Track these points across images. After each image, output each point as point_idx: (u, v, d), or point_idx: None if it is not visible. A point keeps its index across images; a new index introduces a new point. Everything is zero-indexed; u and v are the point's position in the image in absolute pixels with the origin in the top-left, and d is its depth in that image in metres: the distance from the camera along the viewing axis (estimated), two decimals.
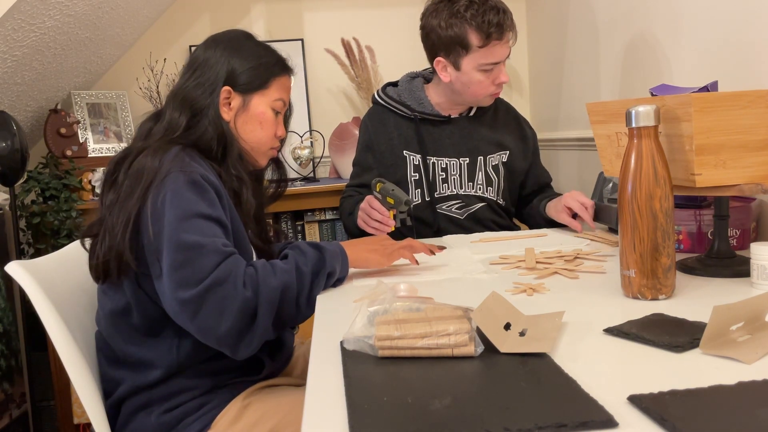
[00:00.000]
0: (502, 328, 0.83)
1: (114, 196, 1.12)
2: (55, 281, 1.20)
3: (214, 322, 1.01)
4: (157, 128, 1.20)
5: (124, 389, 1.13)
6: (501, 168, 1.81)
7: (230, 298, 1.01)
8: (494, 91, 1.74)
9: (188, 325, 1.03)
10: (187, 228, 1.03)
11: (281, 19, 2.79)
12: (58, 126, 2.38)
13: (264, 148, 1.28)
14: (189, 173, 1.08)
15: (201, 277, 1.00)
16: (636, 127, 0.97)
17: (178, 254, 1.01)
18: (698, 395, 0.63)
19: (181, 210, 1.04)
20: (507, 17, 1.66)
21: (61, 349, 1.09)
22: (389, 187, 1.56)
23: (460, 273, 1.24)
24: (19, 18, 1.82)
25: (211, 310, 1.00)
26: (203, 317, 1.00)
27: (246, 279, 1.03)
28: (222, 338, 1.02)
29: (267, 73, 1.25)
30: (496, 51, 1.66)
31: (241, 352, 1.05)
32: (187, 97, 1.21)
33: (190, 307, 1.00)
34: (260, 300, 1.03)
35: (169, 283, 1.01)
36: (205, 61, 1.23)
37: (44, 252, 2.10)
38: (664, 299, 0.98)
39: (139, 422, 1.13)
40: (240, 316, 1.01)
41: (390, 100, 1.82)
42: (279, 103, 1.27)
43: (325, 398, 0.70)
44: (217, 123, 1.20)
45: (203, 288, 1.00)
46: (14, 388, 2.09)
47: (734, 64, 1.45)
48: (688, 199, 1.31)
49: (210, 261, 1.02)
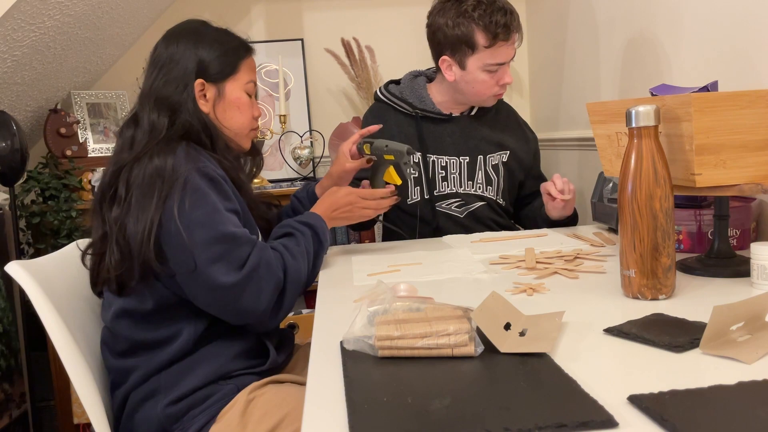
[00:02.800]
0: (502, 328, 0.83)
1: (120, 209, 1.13)
2: (55, 281, 1.20)
3: (255, 303, 1.11)
4: (139, 133, 1.19)
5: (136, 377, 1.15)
6: (501, 168, 1.82)
7: (266, 280, 1.12)
8: (498, 92, 1.75)
9: (228, 309, 1.12)
10: (218, 222, 1.10)
11: (281, 19, 2.79)
12: (57, 126, 2.38)
13: (246, 131, 1.32)
14: (203, 170, 1.13)
15: (241, 264, 1.10)
16: (636, 127, 0.97)
17: (217, 246, 1.09)
18: (698, 395, 0.63)
19: (210, 207, 1.11)
20: (514, 18, 1.67)
21: (61, 348, 1.09)
22: (382, 144, 1.49)
23: (460, 273, 1.24)
24: (19, 18, 1.82)
25: (252, 292, 1.10)
26: (246, 299, 1.10)
27: (276, 262, 1.14)
28: (260, 316, 1.13)
29: (234, 58, 1.27)
30: (501, 52, 1.67)
31: (272, 324, 1.18)
32: (161, 96, 1.21)
33: (233, 292, 1.09)
34: (288, 279, 1.16)
35: (211, 273, 1.08)
36: (169, 57, 1.23)
37: (44, 252, 2.10)
38: (664, 299, 0.98)
39: (146, 412, 1.14)
40: (274, 295, 1.13)
41: (392, 97, 1.83)
42: (250, 85, 1.30)
43: (325, 398, 0.70)
44: (199, 116, 1.22)
45: (245, 274, 1.09)
46: (14, 388, 2.09)
47: (734, 64, 1.45)
48: (688, 199, 1.31)
49: (245, 249, 1.12)
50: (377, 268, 1.32)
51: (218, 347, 1.17)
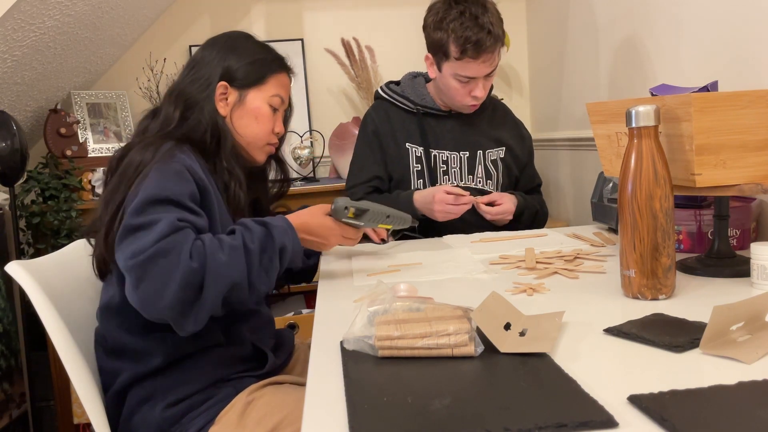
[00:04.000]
0: (502, 328, 0.83)
1: (106, 194, 1.14)
2: (55, 281, 1.20)
3: (157, 292, 0.96)
4: (153, 125, 1.23)
5: (125, 378, 1.14)
6: (499, 163, 1.86)
7: (174, 268, 0.97)
8: (470, 102, 1.76)
9: (132, 296, 0.98)
10: (151, 207, 1.02)
11: (281, 19, 2.79)
12: (57, 126, 2.38)
13: (260, 143, 1.30)
14: (173, 163, 1.10)
15: (146, 246, 0.97)
16: (636, 127, 0.97)
17: (133, 220, 1.00)
18: (698, 395, 0.63)
19: (155, 191, 1.04)
20: (490, 38, 1.63)
21: (61, 348, 1.09)
22: (382, 211, 1.32)
23: (460, 273, 1.24)
24: (19, 18, 1.82)
25: (155, 279, 0.96)
26: (146, 286, 0.96)
27: (193, 250, 1.00)
28: (165, 309, 0.97)
29: (263, 69, 1.27)
30: (471, 67, 1.67)
31: (188, 325, 1.00)
32: (182, 92, 1.24)
33: (133, 274, 0.97)
34: (207, 272, 0.99)
35: (119, 249, 1.00)
36: (201, 59, 1.26)
37: (44, 252, 2.10)
38: (664, 299, 0.98)
39: (144, 414, 1.13)
40: (184, 287, 0.97)
41: (393, 94, 1.87)
42: (276, 99, 1.28)
43: (325, 398, 0.70)
44: (212, 116, 1.22)
45: (146, 257, 0.97)
46: (14, 388, 2.09)
47: (734, 64, 1.45)
48: (688, 199, 1.31)
49: (157, 233, 0.99)
50: (377, 268, 1.32)
51: (211, 356, 1.16)
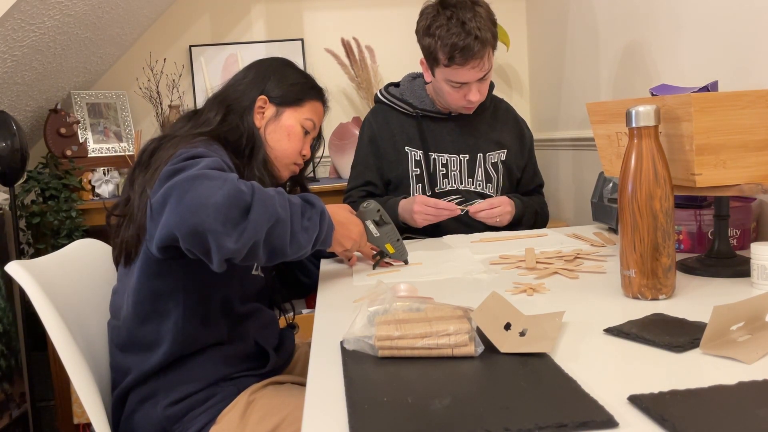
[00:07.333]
0: (502, 328, 0.83)
1: (143, 178, 1.15)
2: (55, 281, 1.20)
3: (202, 202, 0.91)
4: (191, 124, 1.26)
5: (132, 378, 1.15)
6: (500, 166, 1.84)
7: (222, 185, 0.94)
8: (465, 105, 1.75)
9: (174, 213, 0.93)
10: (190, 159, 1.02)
11: (281, 19, 2.79)
12: (57, 126, 2.38)
13: (287, 161, 1.32)
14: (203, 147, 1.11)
15: (193, 171, 0.96)
16: (636, 127, 0.97)
17: (174, 166, 0.99)
18: (698, 395, 0.63)
19: (192, 153, 1.04)
20: (477, 43, 1.59)
21: (61, 349, 1.09)
22: (397, 235, 1.35)
23: (460, 273, 1.24)
24: (19, 18, 1.82)
25: (200, 192, 0.92)
26: (192, 197, 0.92)
27: (240, 181, 0.99)
28: (209, 218, 0.91)
29: (302, 93, 1.33)
30: (460, 73, 1.65)
31: (228, 242, 0.93)
32: (225, 99, 1.29)
33: (178, 189, 0.93)
34: (255, 198, 0.97)
35: (159, 179, 0.98)
36: (247, 74, 1.34)
37: (44, 252, 2.10)
38: (664, 299, 0.98)
39: (145, 413, 1.14)
40: (230, 205, 0.93)
41: (393, 98, 1.86)
42: (309, 122, 1.33)
43: (325, 398, 0.70)
44: (248, 124, 1.27)
45: (193, 175, 0.94)
46: (14, 388, 2.09)
47: (734, 64, 1.45)
48: (688, 199, 1.31)
49: (204, 164, 0.98)
50: (377, 268, 1.32)
51: (217, 351, 1.17)
